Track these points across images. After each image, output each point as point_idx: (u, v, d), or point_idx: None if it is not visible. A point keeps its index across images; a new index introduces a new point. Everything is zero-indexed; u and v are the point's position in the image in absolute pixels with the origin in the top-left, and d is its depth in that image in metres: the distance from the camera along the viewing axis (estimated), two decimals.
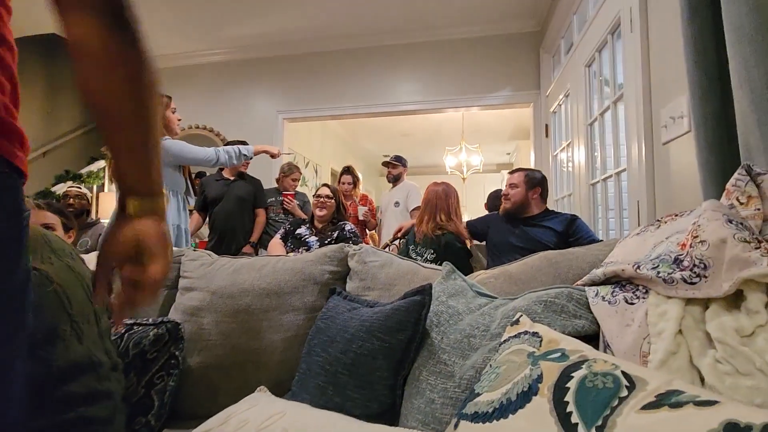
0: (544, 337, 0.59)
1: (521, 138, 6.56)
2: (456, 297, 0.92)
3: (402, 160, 3.60)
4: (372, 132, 6.64)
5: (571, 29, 2.75)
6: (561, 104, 2.94)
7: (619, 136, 1.98)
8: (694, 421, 0.34)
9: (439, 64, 3.57)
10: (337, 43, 3.71)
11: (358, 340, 0.87)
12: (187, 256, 1.41)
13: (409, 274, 1.17)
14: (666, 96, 1.45)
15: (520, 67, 3.42)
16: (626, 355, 0.58)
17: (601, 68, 2.23)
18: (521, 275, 1.03)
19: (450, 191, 2.21)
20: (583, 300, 0.75)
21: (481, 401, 0.53)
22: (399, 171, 3.57)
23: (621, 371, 0.45)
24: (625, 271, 0.69)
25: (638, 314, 0.61)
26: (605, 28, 2.03)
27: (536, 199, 2.05)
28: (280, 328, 1.16)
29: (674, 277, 0.58)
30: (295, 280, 1.22)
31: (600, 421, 0.39)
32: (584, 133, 2.39)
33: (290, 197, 3.15)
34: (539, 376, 0.49)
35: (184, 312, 1.24)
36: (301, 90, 3.82)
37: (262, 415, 0.74)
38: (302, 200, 3.27)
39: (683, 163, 1.34)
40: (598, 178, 2.25)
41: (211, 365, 1.15)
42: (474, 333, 0.79)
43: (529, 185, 2.04)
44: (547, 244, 1.86)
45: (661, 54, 1.50)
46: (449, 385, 0.73)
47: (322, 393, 0.87)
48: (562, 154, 2.97)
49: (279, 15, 3.35)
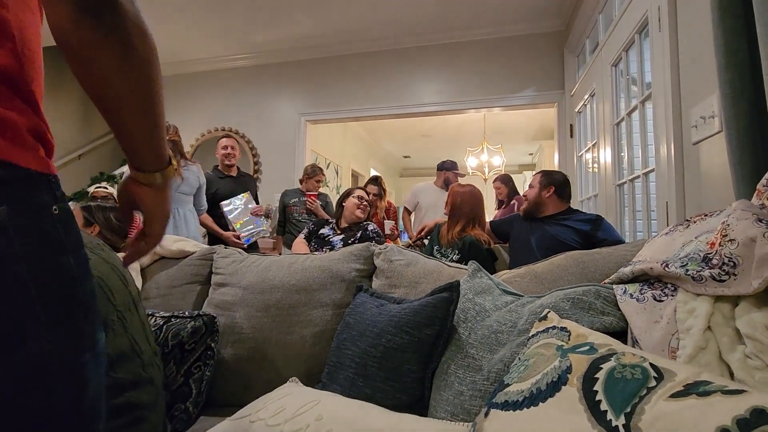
0: (573, 332, 0.61)
1: (544, 138, 6.48)
2: (482, 294, 0.94)
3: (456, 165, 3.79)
4: (392, 133, 6.68)
5: (596, 29, 2.72)
6: (586, 104, 2.90)
7: (647, 136, 1.96)
8: (721, 407, 0.36)
9: (460, 65, 3.58)
10: (358, 46, 3.76)
11: (387, 334, 0.90)
12: (219, 253, 1.47)
13: (435, 272, 1.20)
14: (696, 95, 1.43)
15: (543, 67, 3.39)
16: (654, 350, 0.59)
17: (628, 67, 2.20)
18: (547, 274, 1.04)
19: (479, 197, 2.24)
20: (610, 297, 0.76)
21: (510, 391, 0.55)
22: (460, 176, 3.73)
23: (649, 363, 0.46)
24: (654, 269, 0.70)
25: (667, 311, 0.62)
26: (632, 27, 2.00)
27: (550, 197, 2.05)
28: (309, 323, 1.21)
29: (703, 275, 0.59)
30: (323, 278, 1.26)
31: (629, 408, 0.41)
32: (611, 133, 2.36)
33: (313, 197, 3.19)
34: (568, 367, 0.51)
35: (217, 306, 1.30)
36: (322, 92, 3.89)
37: (298, 402, 0.78)
38: (324, 201, 3.30)
39: (714, 164, 1.32)
40: (624, 179, 2.22)
41: (243, 357, 1.20)
42: (501, 329, 0.81)
43: (543, 185, 2.06)
44: (568, 243, 1.86)
45: (691, 53, 1.48)
46: (478, 378, 0.75)
47: (353, 384, 0.90)
48: (588, 155, 2.93)
49: (301, 20, 3.42)
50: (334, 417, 0.72)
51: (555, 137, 3.52)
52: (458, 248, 2.09)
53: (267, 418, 0.77)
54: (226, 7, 3.24)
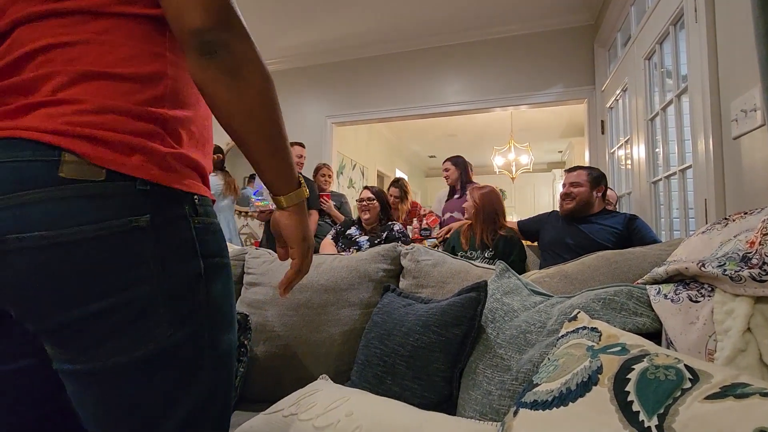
0: (604, 333, 0.60)
1: (573, 135, 6.30)
2: (511, 295, 0.94)
3: None
4: (418, 133, 6.66)
5: (628, 21, 2.63)
6: (618, 99, 2.81)
7: (683, 130, 1.88)
8: (760, 410, 0.35)
9: (486, 63, 3.54)
10: (383, 47, 3.78)
11: (415, 333, 0.91)
12: (250, 254, 1.52)
13: (462, 272, 1.19)
14: (736, 88, 1.37)
15: (572, 63, 3.31)
16: (691, 352, 0.58)
17: (662, 60, 2.12)
18: (578, 275, 1.03)
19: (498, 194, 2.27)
20: (643, 298, 0.74)
21: (540, 390, 0.55)
22: None
23: (684, 365, 0.45)
24: (689, 269, 0.68)
25: (703, 312, 0.60)
26: (667, 19, 1.93)
27: (599, 198, 2.01)
28: (338, 322, 1.23)
29: (742, 275, 0.57)
30: (351, 278, 1.28)
31: (662, 409, 0.40)
32: (644, 128, 2.28)
33: (326, 197, 3.07)
34: (599, 367, 0.50)
35: (249, 305, 1.34)
36: (348, 95, 3.93)
37: (328, 398, 0.80)
38: (339, 201, 3.20)
39: (756, 159, 1.26)
40: (660, 176, 2.14)
41: (275, 355, 1.24)
42: (530, 329, 0.80)
43: (593, 183, 2.00)
44: (604, 244, 1.81)
45: (730, 44, 1.41)
46: (506, 378, 0.75)
47: (381, 382, 0.92)
48: (620, 151, 2.84)
49: (325, 24, 3.48)
50: (364, 413, 0.74)
51: (585, 134, 3.43)
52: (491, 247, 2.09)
53: (299, 413, 0.79)
54: (253, 13, 3.33)
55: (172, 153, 0.51)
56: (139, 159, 0.47)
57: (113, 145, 0.46)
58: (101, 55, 0.48)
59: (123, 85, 0.48)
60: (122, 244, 0.46)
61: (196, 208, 0.52)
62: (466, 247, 2.16)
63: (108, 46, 0.49)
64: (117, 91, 0.48)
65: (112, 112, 0.47)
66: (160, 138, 0.50)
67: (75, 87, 0.47)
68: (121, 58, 0.49)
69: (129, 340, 0.46)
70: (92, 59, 0.48)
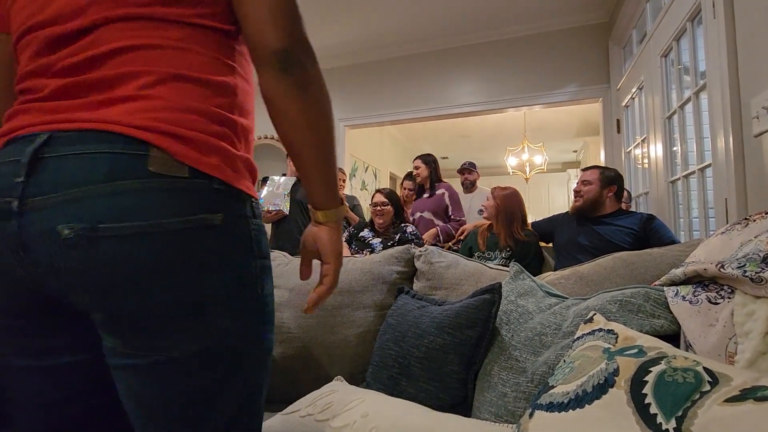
0: (620, 335, 0.60)
1: (588, 134, 6.21)
2: (525, 297, 0.93)
3: (475, 166, 3.65)
4: (430, 135, 6.65)
5: (643, 18, 2.59)
6: (634, 97, 2.77)
7: (702, 128, 1.84)
8: None
9: (499, 64, 3.52)
10: (395, 50, 3.79)
11: (429, 335, 0.92)
12: None
13: (476, 274, 1.19)
14: (757, 85, 1.34)
15: (586, 61, 3.27)
16: (710, 355, 0.57)
17: (679, 57, 2.08)
18: (593, 276, 1.02)
19: (520, 196, 2.24)
20: (661, 300, 0.73)
21: (555, 392, 0.55)
22: (475, 177, 3.61)
23: (703, 367, 0.45)
24: (708, 270, 0.67)
25: (723, 314, 0.59)
26: (684, 15, 1.90)
27: (611, 197, 1.97)
28: (352, 324, 1.24)
29: (763, 276, 0.56)
30: (365, 280, 1.29)
31: (680, 411, 0.40)
32: (661, 126, 2.24)
33: None
34: (615, 369, 0.50)
35: None
36: (360, 97, 3.95)
37: (344, 399, 0.81)
38: (352, 203, 3.20)
39: None
40: (678, 175, 2.10)
41: (291, 356, 1.25)
42: (545, 331, 0.80)
43: (604, 183, 1.97)
44: (620, 245, 1.78)
45: (750, 40, 1.38)
46: (521, 380, 0.75)
47: (396, 384, 0.92)
48: (637, 150, 2.79)
49: (337, 28, 3.50)
50: (379, 414, 0.75)
51: (601, 133, 3.38)
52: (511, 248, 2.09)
53: (315, 413, 0.81)
54: None
55: (241, 156, 0.54)
56: (217, 159, 0.50)
57: (196, 144, 0.49)
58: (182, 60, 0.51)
59: (202, 89, 0.52)
60: (198, 239, 0.48)
61: (254, 210, 0.55)
62: (483, 248, 2.16)
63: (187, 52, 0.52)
64: (197, 94, 0.51)
65: (195, 112, 0.50)
66: (232, 141, 0.53)
67: (159, 86, 0.50)
68: (199, 64, 0.52)
69: (191, 334, 0.48)
70: (174, 62, 0.51)
